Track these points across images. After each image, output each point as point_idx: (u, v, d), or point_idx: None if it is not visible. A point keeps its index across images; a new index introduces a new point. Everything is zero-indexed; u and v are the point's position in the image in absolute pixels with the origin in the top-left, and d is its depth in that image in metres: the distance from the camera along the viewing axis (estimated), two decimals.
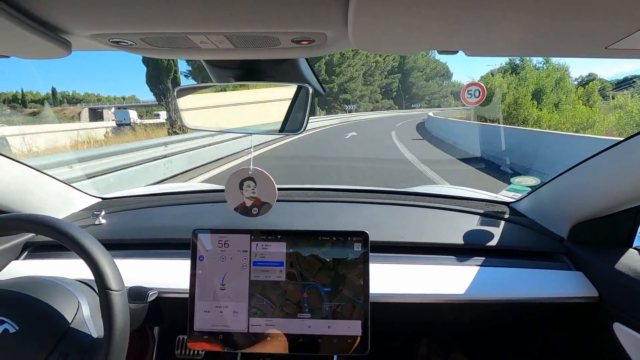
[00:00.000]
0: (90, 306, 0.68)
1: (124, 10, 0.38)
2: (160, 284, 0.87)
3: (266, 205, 0.84)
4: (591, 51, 0.45)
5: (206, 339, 0.78)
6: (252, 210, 0.85)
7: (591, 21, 0.36)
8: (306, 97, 0.66)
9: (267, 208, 0.85)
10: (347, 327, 0.76)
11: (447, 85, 73.72)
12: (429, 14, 0.35)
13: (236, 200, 0.85)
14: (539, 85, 14.72)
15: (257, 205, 0.84)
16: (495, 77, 17.13)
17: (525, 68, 16.16)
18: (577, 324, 0.95)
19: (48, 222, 0.63)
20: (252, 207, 0.84)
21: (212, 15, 0.39)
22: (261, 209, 0.84)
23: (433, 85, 67.54)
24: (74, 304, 0.66)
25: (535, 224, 1.06)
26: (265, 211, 0.85)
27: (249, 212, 0.85)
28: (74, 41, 0.46)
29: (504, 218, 1.09)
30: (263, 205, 0.84)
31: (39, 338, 0.60)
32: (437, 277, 0.89)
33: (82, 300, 0.68)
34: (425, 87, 66.07)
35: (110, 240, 0.97)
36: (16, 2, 0.35)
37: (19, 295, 0.64)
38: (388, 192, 1.26)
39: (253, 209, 0.84)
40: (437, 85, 68.98)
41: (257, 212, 0.85)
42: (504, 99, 14.34)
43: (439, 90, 69.48)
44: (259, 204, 0.84)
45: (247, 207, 0.84)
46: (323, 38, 0.46)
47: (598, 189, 0.85)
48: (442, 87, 71.74)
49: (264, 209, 0.84)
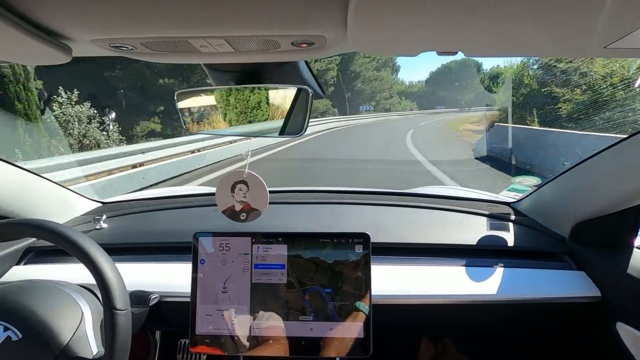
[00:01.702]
0: (93, 316, 0.68)
1: (124, 15, 0.38)
2: (162, 288, 0.87)
3: (255, 211, 0.82)
4: (589, 51, 0.45)
5: (208, 342, 0.78)
6: (241, 216, 0.82)
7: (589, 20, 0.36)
8: (306, 99, 0.66)
9: (256, 215, 0.82)
10: (349, 329, 0.76)
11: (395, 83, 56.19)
12: (429, 15, 0.35)
13: (226, 202, 0.82)
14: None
15: (246, 211, 0.82)
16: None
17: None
18: (580, 324, 0.94)
19: (56, 230, 0.63)
20: (241, 212, 0.82)
21: (211, 19, 0.39)
22: (250, 215, 0.82)
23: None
24: (77, 315, 0.66)
25: (537, 223, 1.05)
26: (253, 218, 0.82)
27: (237, 217, 0.82)
28: (75, 46, 0.47)
29: (505, 218, 1.09)
30: (252, 211, 0.82)
31: (41, 349, 0.60)
32: (438, 278, 0.89)
33: (85, 310, 0.68)
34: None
35: (111, 245, 0.97)
36: (18, 8, 0.36)
37: (23, 301, 0.64)
38: (389, 194, 1.26)
39: (241, 214, 0.82)
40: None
41: (245, 218, 0.82)
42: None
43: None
44: (248, 209, 0.82)
45: (235, 211, 0.82)
46: (322, 40, 0.46)
47: (600, 187, 0.85)
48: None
49: (252, 215, 0.82)
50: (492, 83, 21.41)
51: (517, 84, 11.70)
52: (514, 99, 11.26)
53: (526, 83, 11.30)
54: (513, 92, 11.46)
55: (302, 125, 0.68)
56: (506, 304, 0.87)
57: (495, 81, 20.86)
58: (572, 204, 0.95)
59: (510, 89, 11.94)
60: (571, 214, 0.95)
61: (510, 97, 11.47)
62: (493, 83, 21.06)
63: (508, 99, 11.65)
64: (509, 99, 11.53)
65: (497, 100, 13.85)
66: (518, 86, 11.58)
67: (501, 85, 17.89)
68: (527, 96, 10.89)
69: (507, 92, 12.50)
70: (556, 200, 1.02)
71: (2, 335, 0.60)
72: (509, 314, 0.92)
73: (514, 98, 11.30)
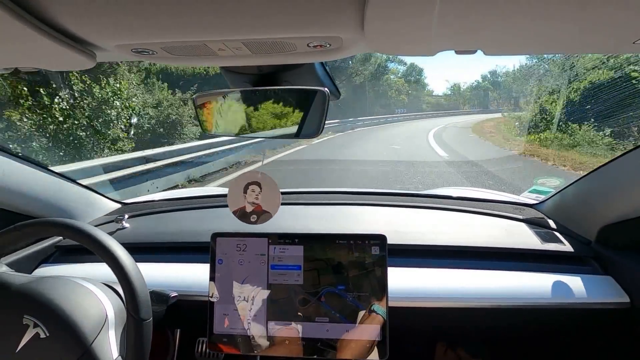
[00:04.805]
0: (116, 319, 0.70)
1: (147, 22, 0.39)
2: (181, 287, 0.88)
3: (266, 214, 0.82)
4: (617, 47, 0.44)
5: (225, 341, 0.79)
6: (251, 217, 0.82)
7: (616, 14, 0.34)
8: (323, 100, 0.66)
9: (266, 217, 0.82)
10: (365, 331, 0.76)
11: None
12: (448, 14, 0.35)
13: (237, 203, 0.82)
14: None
15: (256, 212, 0.82)
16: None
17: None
18: (607, 331, 0.91)
19: (85, 230, 0.65)
20: (252, 214, 0.82)
21: (229, 23, 0.40)
22: (260, 217, 0.81)
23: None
24: (101, 316, 0.68)
25: (561, 226, 1.02)
26: (264, 220, 0.82)
27: (247, 218, 0.82)
28: (99, 52, 0.48)
29: (528, 221, 1.06)
30: (263, 213, 0.81)
31: (65, 348, 0.62)
32: (457, 281, 0.87)
33: (109, 312, 0.69)
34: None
35: (133, 244, 1.00)
36: (47, 16, 0.37)
37: (52, 299, 0.66)
38: (407, 195, 1.25)
39: (252, 216, 0.82)
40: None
41: (255, 220, 0.82)
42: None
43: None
44: (260, 211, 0.82)
45: (246, 212, 0.82)
46: (339, 42, 0.46)
47: (628, 189, 0.81)
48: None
49: (263, 217, 0.82)
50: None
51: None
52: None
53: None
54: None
55: (318, 127, 0.68)
56: (528, 309, 0.84)
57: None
58: (599, 206, 0.91)
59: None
60: (597, 217, 0.91)
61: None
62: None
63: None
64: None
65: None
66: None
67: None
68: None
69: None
70: (581, 202, 0.98)
71: (31, 332, 0.62)
72: (531, 320, 0.89)
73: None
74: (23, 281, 0.69)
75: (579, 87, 9.83)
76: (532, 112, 11.89)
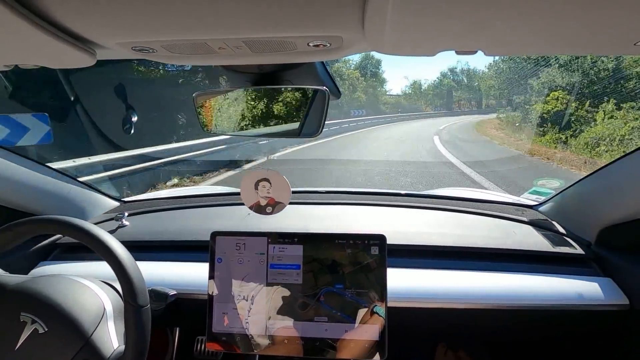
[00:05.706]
0: (114, 311, 0.70)
1: (148, 20, 0.39)
2: (180, 285, 0.88)
3: (280, 204, 0.87)
4: (618, 48, 0.43)
5: (224, 340, 0.79)
6: (267, 209, 0.87)
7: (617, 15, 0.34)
8: (323, 100, 0.66)
9: (280, 207, 0.87)
10: (364, 331, 0.76)
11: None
12: (449, 14, 0.34)
13: (251, 199, 0.87)
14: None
15: (271, 205, 0.87)
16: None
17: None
18: (606, 333, 0.91)
19: (81, 227, 0.66)
20: (267, 206, 0.87)
21: (230, 22, 0.40)
22: (275, 208, 0.87)
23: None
24: (99, 309, 0.68)
25: (561, 227, 1.02)
26: (279, 210, 0.87)
27: (263, 211, 0.87)
28: (99, 50, 0.48)
29: (528, 221, 1.06)
30: (277, 204, 0.87)
31: (64, 341, 0.62)
32: (456, 281, 0.87)
33: (106, 305, 0.70)
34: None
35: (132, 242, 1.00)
36: (47, 13, 0.37)
37: (50, 296, 0.66)
38: (407, 195, 1.24)
39: (267, 208, 0.87)
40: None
41: (271, 211, 0.87)
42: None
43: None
44: (273, 203, 0.87)
45: (261, 206, 0.87)
46: (339, 41, 0.46)
47: (628, 191, 0.81)
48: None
49: (277, 207, 0.87)
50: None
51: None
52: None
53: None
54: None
55: (319, 126, 0.68)
56: (528, 310, 0.84)
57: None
58: (599, 208, 0.91)
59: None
60: (597, 218, 0.91)
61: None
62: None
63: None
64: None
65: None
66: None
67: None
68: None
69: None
70: (581, 203, 0.98)
71: (29, 328, 0.62)
72: (531, 321, 0.89)
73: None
74: (18, 281, 0.69)
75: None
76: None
